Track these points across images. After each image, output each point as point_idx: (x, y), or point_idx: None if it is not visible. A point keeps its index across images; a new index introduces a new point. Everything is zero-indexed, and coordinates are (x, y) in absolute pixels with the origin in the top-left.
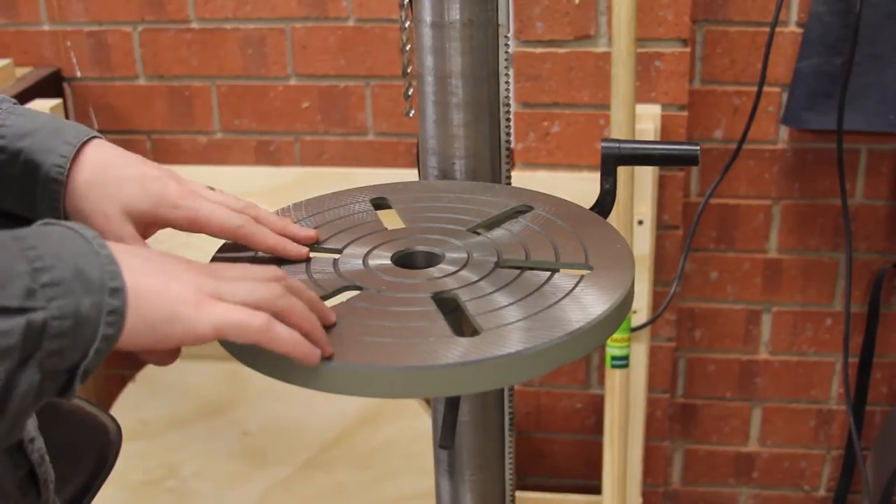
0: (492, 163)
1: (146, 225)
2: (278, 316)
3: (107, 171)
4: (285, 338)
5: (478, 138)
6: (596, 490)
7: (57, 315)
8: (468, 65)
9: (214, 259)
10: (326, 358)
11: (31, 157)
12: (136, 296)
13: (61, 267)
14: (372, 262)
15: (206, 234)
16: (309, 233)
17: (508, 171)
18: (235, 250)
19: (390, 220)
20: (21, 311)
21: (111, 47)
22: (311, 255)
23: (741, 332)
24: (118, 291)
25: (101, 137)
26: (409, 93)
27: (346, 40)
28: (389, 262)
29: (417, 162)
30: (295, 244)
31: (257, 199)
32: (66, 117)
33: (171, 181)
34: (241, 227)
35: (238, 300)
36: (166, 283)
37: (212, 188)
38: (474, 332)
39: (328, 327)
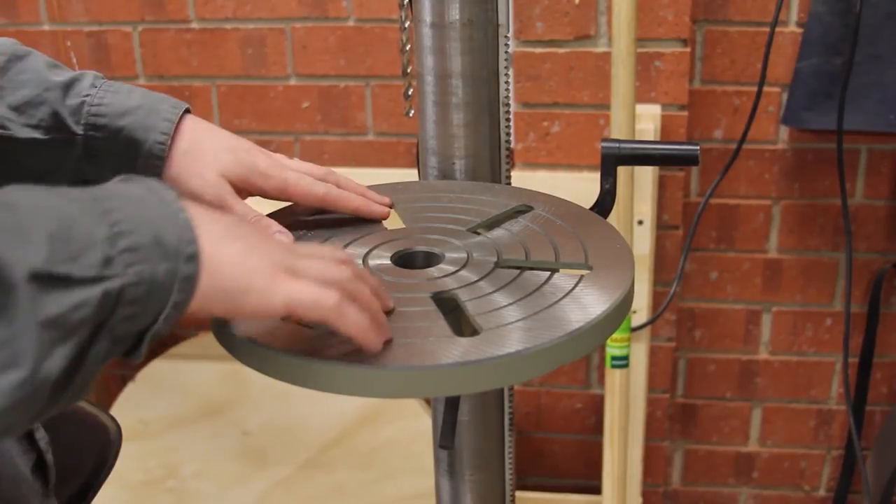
0: (492, 163)
1: (238, 191)
2: (347, 297)
3: (202, 143)
4: (354, 319)
5: (478, 138)
6: (596, 490)
7: (134, 281)
8: (468, 65)
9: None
10: (387, 341)
11: (133, 136)
12: (213, 263)
13: (140, 232)
14: (372, 261)
15: (294, 201)
16: (385, 199)
17: (508, 171)
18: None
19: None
20: (98, 279)
21: (111, 47)
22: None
23: (741, 332)
24: (193, 258)
25: (190, 108)
26: (409, 93)
27: (346, 40)
28: (389, 261)
29: (417, 162)
30: (377, 204)
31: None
32: None
33: (260, 153)
34: (326, 193)
35: (311, 277)
36: (244, 253)
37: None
38: (474, 332)
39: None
